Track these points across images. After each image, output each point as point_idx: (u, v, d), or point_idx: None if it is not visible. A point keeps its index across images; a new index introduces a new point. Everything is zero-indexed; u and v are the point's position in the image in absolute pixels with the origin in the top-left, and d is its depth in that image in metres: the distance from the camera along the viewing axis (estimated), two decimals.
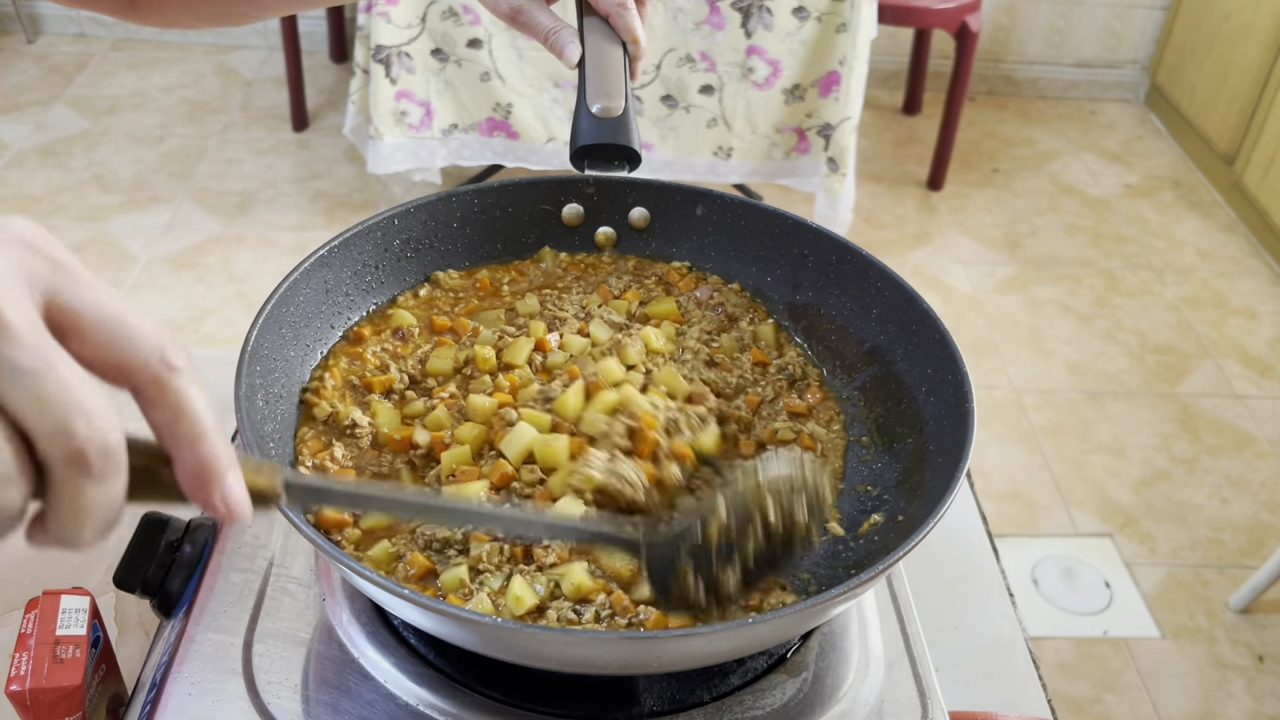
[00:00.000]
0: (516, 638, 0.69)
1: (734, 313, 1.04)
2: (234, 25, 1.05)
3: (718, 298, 1.04)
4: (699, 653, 0.72)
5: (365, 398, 0.92)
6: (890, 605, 0.89)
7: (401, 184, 3.44)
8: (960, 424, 0.83)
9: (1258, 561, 2.54)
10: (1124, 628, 2.40)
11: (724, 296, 1.05)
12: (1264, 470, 2.82)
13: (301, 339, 0.92)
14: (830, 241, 1.01)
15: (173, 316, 2.99)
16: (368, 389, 0.92)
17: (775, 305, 1.05)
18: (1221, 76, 3.87)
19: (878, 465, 0.92)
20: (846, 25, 2.91)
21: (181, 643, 0.80)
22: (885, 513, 0.87)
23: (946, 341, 0.88)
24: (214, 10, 1.02)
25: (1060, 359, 3.14)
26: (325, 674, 0.78)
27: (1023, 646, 1.01)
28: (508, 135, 3.08)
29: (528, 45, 2.96)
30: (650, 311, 1.03)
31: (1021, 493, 2.71)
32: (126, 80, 4.05)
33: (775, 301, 1.05)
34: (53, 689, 0.75)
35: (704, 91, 3.02)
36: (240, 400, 0.80)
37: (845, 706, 0.80)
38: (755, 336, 1.02)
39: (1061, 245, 3.61)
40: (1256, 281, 3.51)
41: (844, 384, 0.99)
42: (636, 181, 1.04)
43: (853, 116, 3.03)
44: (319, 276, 0.94)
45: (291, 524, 0.70)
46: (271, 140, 3.76)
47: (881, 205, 3.71)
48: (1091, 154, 4.12)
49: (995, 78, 4.41)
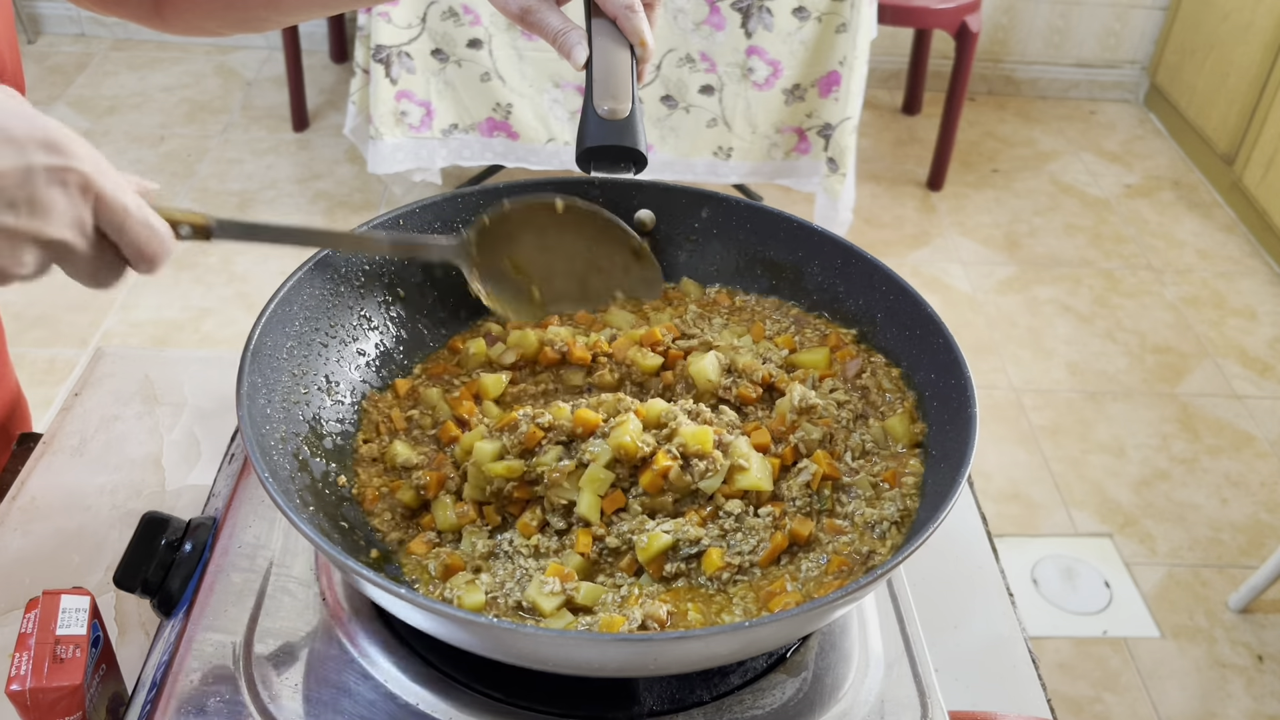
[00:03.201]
0: (514, 639, 0.69)
1: (875, 401, 0.97)
2: (255, 31, 1.08)
3: (866, 379, 0.98)
4: (697, 655, 0.72)
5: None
6: (890, 605, 0.89)
7: (402, 184, 3.44)
8: (963, 428, 0.83)
9: (1257, 561, 2.54)
10: (1124, 627, 2.40)
11: (875, 379, 0.98)
12: (1264, 470, 2.82)
13: (304, 339, 0.92)
14: (835, 245, 1.01)
15: (173, 316, 2.99)
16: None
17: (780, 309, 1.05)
18: (1221, 76, 3.87)
19: None
20: (846, 25, 2.91)
21: (181, 643, 0.80)
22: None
23: (950, 346, 0.89)
24: (236, 16, 1.04)
25: (1060, 359, 3.14)
26: (325, 674, 0.78)
27: (1022, 646, 1.01)
28: (508, 135, 3.08)
29: (528, 45, 2.96)
30: (797, 360, 1.00)
31: (1021, 493, 2.71)
32: (127, 80, 4.05)
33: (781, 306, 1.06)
34: (53, 689, 0.75)
35: (704, 92, 3.02)
36: (242, 399, 0.80)
37: (845, 706, 0.80)
38: (884, 434, 0.95)
39: (1061, 245, 3.61)
40: (1256, 281, 3.51)
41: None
42: (642, 184, 1.04)
43: (853, 116, 3.03)
44: (322, 276, 0.94)
45: (291, 524, 0.70)
46: (272, 140, 3.76)
47: (881, 205, 3.71)
48: (1091, 154, 4.12)
49: (995, 78, 4.41)
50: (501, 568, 0.83)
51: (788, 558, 0.85)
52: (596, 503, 0.86)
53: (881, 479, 0.89)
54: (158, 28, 1.07)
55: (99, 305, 2.99)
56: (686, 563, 0.84)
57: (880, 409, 0.95)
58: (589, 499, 0.85)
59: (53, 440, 1.14)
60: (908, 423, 0.92)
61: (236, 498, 0.91)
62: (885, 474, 0.89)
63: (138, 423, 1.17)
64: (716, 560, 0.83)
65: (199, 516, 0.90)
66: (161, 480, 1.11)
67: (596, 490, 0.86)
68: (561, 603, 0.79)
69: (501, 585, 0.81)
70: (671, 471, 0.85)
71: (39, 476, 1.10)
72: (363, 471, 0.91)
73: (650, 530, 0.84)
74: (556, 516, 0.86)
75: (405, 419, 0.96)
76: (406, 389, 0.98)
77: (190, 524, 0.88)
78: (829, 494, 0.88)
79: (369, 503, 0.89)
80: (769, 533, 0.85)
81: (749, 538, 0.85)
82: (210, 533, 0.88)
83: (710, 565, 0.83)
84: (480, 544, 0.85)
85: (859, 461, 0.91)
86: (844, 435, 0.93)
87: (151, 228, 0.68)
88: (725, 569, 0.83)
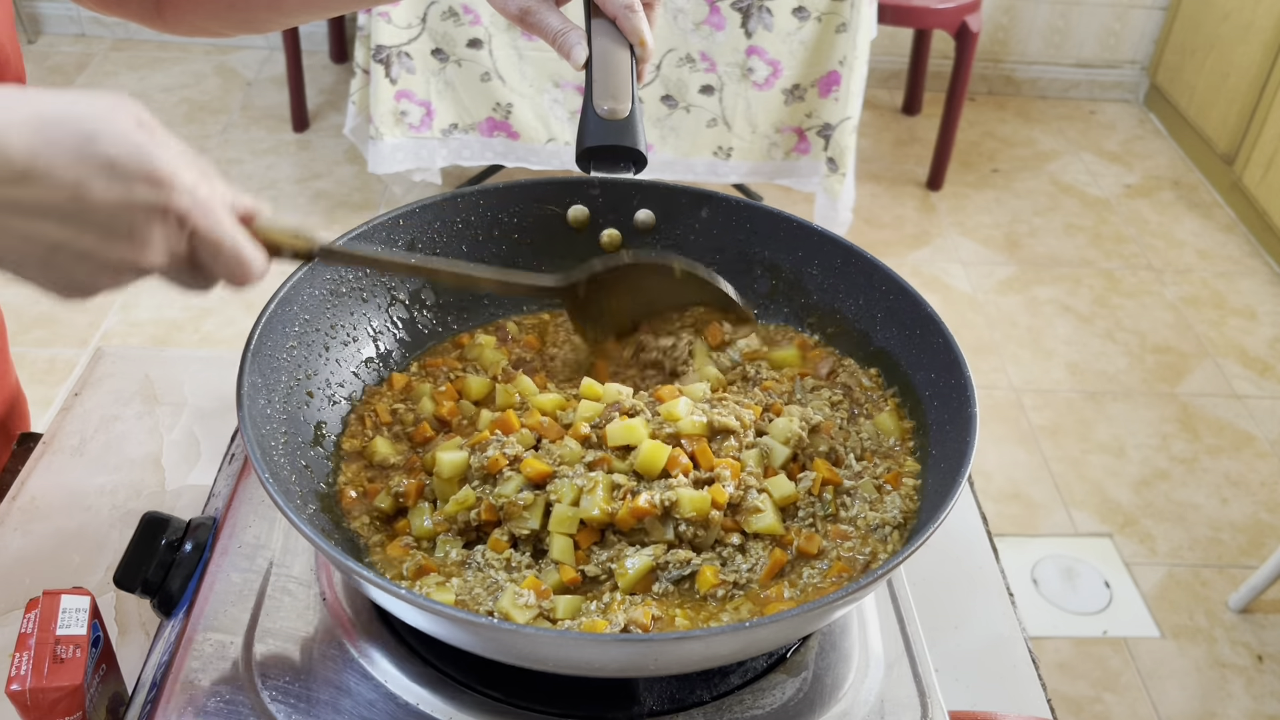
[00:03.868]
0: (514, 639, 0.69)
1: (859, 399, 0.97)
2: (257, 32, 1.08)
3: (845, 377, 0.99)
4: (697, 656, 0.72)
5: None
6: (890, 605, 0.89)
7: (402, 184, 3.44)
8: (963, 429, 0.83)
9: (1257, 561, 2.54)
10: (1124, 627, 2.40)
11: (854, 378, 0.98)
12: (1264, 470, 2.82)
13: (304, 339, 0.92)
14: (836, 245, 1.01)
15: (173, 316, 2.99)
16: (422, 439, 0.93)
17: (782, 311, 1.05)
18: (1221, 76, 3.87)
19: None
20: (846, 25, 2.91)
21: (181, 643, 0.80)
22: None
23: (950, 346, 0.88)
24: (238, 17, 1.04)
25: (1060, 359, 3.14)
26: (325, 674, 0.78)
27: (1022, 646, 1.01)
28: (508, 135, 3.08)
29: (528, 45, 2.96)
30: (771, 358, 1.00)
31: (1021, 493, 2.71)
32: (127, 80, 4.05)
33: (782, 307, 1.05)
34: (53, 689, 0.75)
35: (704, 91, 3.02)
36: (242, 399, 0.80)
37: (845, 706, 0.80)
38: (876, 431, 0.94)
39: (1061, 245, 3.61)
40: (1256, 281, 3.51)
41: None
42: (642, 184, 1.04)
43: (852, 116, 3.03)
44: (323, 275, 0.94)
45: (291, 524, 0.70)
46: (272, 140, 3.76)
47: (881, 205, 3.71)
48: (1091, 154, 4.12)
49: (995, 78, 4.41)
50: (473, 576, 0.82)
51: (789, 568, 0.83)
52: (568, 544, 0.82)
53: (884, 480, 0.89)
54: (159, 28, 1.07)
55: (99, 305, 2.99)
56: (678, 584, 0.81)
57: (866, 406, 0.96)
58: (561, 543, 0.82)
59: (53, 440, 1.14)
60: (896, 419, 0.93)
61: (236, 498, 0.91)
62: (888, 476, 0.89)
63: (138, 423, 1.17)
64: (711, 579, 0.80)
65: (199, 516, 0.90)
66: (161, 480, 1.11)
67: (565, 530, 0.82)
68: (535, 615, 0.78)
69: (471, 590, 0.80)
70: (647, 519, 0.83)
71: (39, 476, 1.10)
72: (346, 469, 0.90)
73: (631, 557, 0.81)
74: (523, 544, 0.84)
75: (390, 412, 0.95)
76: (403, 384, 0.98)
77: (190, 524, 0.88)
78: (831, 498, 0.88)
79: (345, 503, 0.87)
80: (769, 550, 0.83)
81: (748, 557, 0.83)
82: (210, 533, 0.88)
83: (705, 584, 0.81)
84: (454, 553, 0.83)
85: (862, 464, 0.91)
86: (843, 437, 0.93)
87: (241, 260, 0.71)
88: (720, 586, 0.81)
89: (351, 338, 0.97)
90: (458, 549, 0.84)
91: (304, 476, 0.85)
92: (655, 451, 0.84)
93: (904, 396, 0.95)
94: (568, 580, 0.81)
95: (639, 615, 0.77)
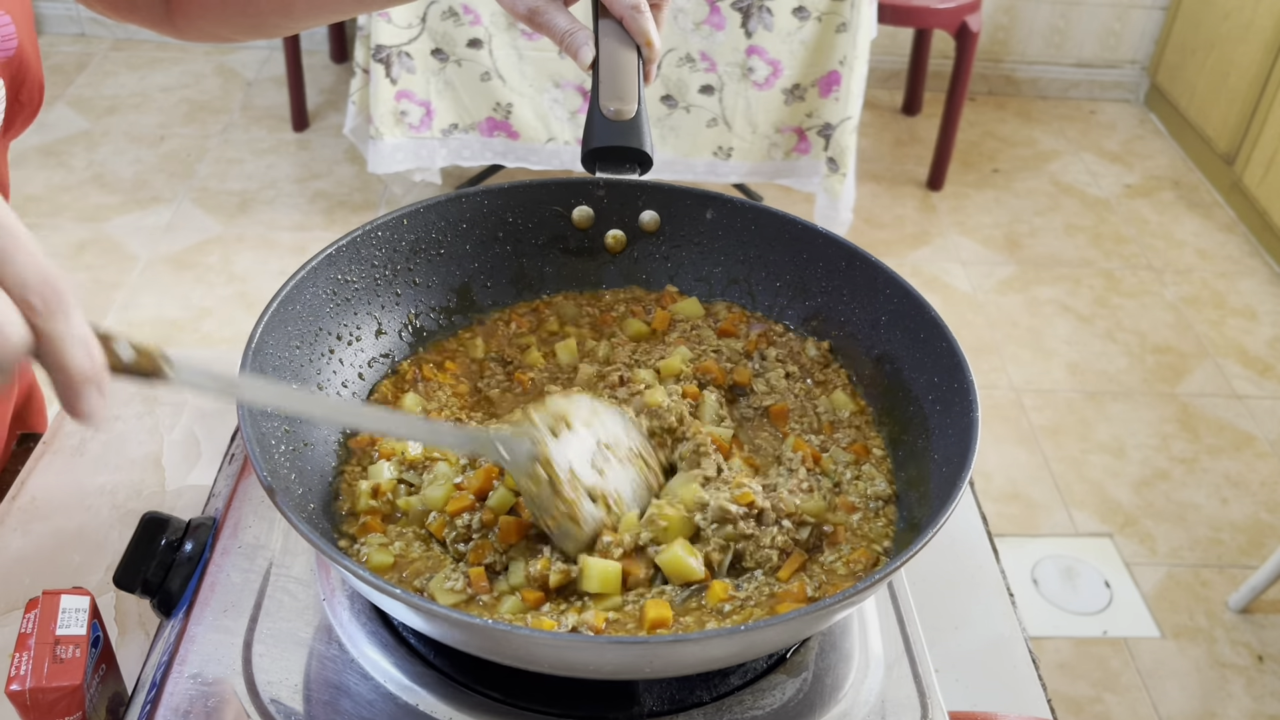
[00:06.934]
0: (509, 640, 0.69)
1: (810, 369, 0.99)
2: (267, 38, 1.08)
3: (786, 351, 1.00)
4: (695, 659, 0.72)
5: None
6: (890, 606, 0.89)
7: (402, 184, 3.44)
8: (964, 432, 0.83)
9: (1257, 561, 2.54)
10: (1124, 627, 2.40)
11: (806, 357, 1.00)
12: (1264, 470, 2.82)
13: (305, 339, 0.92)
14: (840, 247, 1.00)
15: (173, 316, 2.99)
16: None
17: (786, 313, 1.05)
18: (1221, 76, 3.87)
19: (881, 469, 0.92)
20: (846, 25, 2.91)
21: (181, 643, 0.80)
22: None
23: (953, 349, 0.88)
24: (248, 23, 1.04)
25: (1060, 359, 3.14)
26: (325, 674, 0.78)
27: (1023, 646, 1.01)
28: (508, 135, 3.08)
29: (528, 45, 2.96)
30: (675, 310, 1.03)
31: (1021, 493, 2.71)
32: (127, 80, 4.05)
33: (786, 309, 1.05)
34: (53, 689, 0.75)
35: (704, 91, 3.02)
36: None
37: (845, 707, 0.80)
38: (831, 406, 0.97)
39: (1061, 245, 3.61)
40: (1256, 281, 3.51)
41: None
42: (647, 184, 1.04)
43: (853, 116, 3.03)
44: (325, 275, 0.94)
45: (291, 524, 0.70)
46: (271, 140, 3.76)
47: (881, 205, 3.71)
48: (1091, 154, 4.12)
49: (995, 78, 4.41)
50: (419, 549, 0.82)
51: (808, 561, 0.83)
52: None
53: (851, 450, 0.91)
54: (170, 34, 1.07)
55: (99, 305, 2.99)
56: (687, 600, 0.79)
57: (820, 381, 0.99)
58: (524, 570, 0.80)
59: (53, 440, 1.14)
60: (849, 395, 0.97)
61: (236, 498, 0.91)
62: (853, 446, 0.91)
63: (138, 423, 1.17)
64: (720, 593, 0.79)
65: (199, 516, 0.90)
66: (161, 480, 1.11)
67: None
68: (463, 600, 0.77)
69: (412, 563, 0.80)
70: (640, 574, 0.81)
71: (39, 476, 1.10)
72: (347, 469, 0.89)
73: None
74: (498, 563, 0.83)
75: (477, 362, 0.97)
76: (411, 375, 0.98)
77: (190, 524, 0.88)
78: (833, 469, 0.90)
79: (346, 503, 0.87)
80: (781, 557, 0.82)
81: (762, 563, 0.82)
82: (210, 533, 0.88)
83: (714, 598, 0.79)
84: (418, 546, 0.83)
85: (822, 437, 0.93)
86: (811, 409, 0.96)
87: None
88: (729, 601, 0.79)
89: (354, 337, 0.97)
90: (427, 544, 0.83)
91: (304, 476, 0.85)
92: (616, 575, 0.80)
93: (904, 399, 0.95)
94: (530, 601, 0.79)
95: (590, 618, 0.75)
